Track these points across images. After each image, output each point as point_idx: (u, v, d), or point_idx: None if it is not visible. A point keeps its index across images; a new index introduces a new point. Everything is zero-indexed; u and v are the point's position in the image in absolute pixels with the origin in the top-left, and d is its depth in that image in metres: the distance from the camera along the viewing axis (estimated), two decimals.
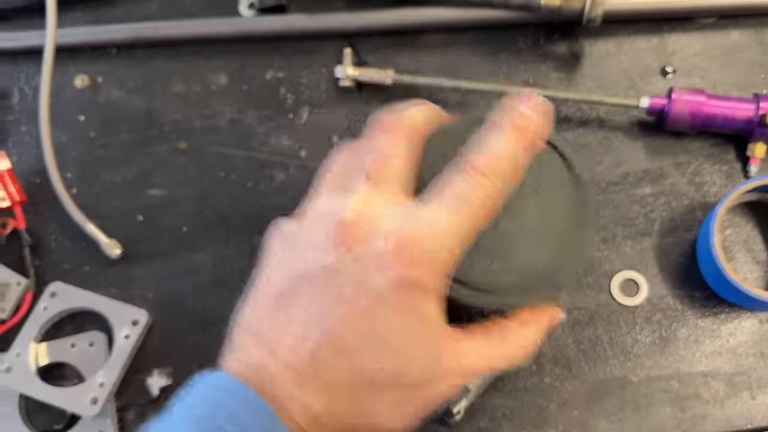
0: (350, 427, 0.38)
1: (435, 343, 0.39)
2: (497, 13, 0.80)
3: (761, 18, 0.80)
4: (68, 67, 0.85)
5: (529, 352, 0.44)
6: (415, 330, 0.38)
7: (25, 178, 0.81)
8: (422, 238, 0.37)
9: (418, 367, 0.38)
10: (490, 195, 0.39)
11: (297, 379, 0.37)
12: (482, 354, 0.42)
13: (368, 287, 0.37)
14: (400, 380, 0.38)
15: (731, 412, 0.68)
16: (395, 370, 0.38)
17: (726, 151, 0.76)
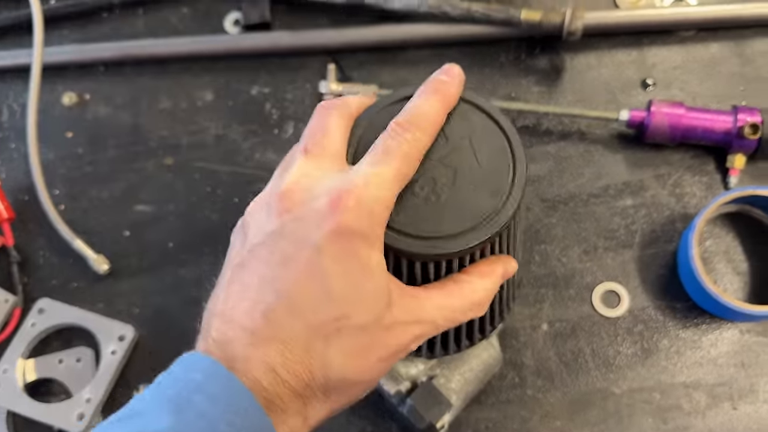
0: (309, 379, 0.39)
1: (380, 289, 0.40)
2: (479, 29, 0.81)
3: (740, 30, 0.81)
4: (56, 85, 0.86)
5: (486, 303, 0.46)
6: (358, 276, 0.39)
7: (14, 195, 0.81)
8: (355, 190, 0.39)
9: (365, 313, 0.39)
10: (413, 146, 0.42)
11: (253, 340, 0.38)
12: (439, 306, 0.43)
13: (309, 242, 0.39)
14: (350, 328, 0.39)
15: (713, 422, 0.69)
16: (342, 317, 0.39)
17: (706, 163, 0.77)
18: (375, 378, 0.43)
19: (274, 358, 0.38)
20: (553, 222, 0.76)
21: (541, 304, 0.73)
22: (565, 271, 0.74)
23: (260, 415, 0.37)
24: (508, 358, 0.71)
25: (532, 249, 0.75)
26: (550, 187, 0.77)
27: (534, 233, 0.76)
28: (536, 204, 0.77)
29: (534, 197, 0.77)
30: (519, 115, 0.80)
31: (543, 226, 0.76)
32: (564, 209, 0.76)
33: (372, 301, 0.40)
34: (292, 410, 0.39)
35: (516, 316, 0.73)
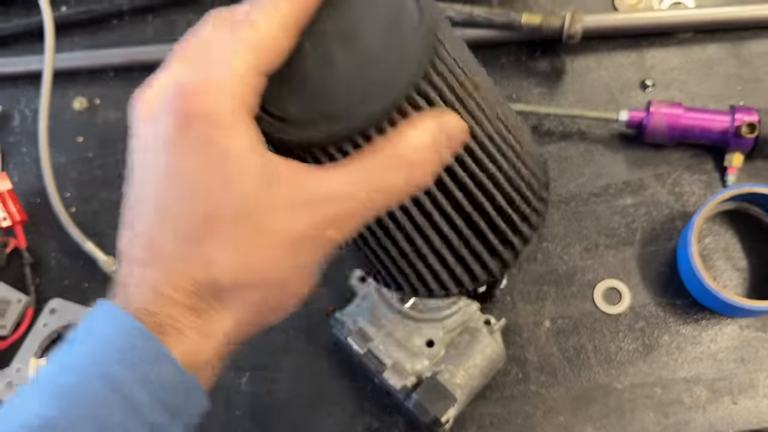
0: (195, 288, 0.36)
1: (249, 171, 0.34)
2: (481, 33, 0.82)
3: (737, 32, 0.82)
4: (67, 90, 0.88)
5: (421, 162, 0.36)
6: (218, 163, 0.34)
7: (26, 198, 0.83)
8: (206, 71, 0.35)
9: (236, 202, 0.35)
10: (271, 14, 0.36)
11: (139, 270, 0.36)
12: (355, 177, 0.35)
13: (161, 142, 0.35)
14: (221, 221, 0.35)
15: (713, 416, 0.70)
16: (210, 212, 0.35)
17: (704, 162, 0.78)
18: (282, 275, 0.37)
19: (157, 279, 0.35)
20: (555, 221, 0.77)
21: (543, 301, 0.75)
22: (567, 269, 0.76)
23: (149, 341, 0.34)
24: (511, 355, 0.73)
25: (534, 248, 0.76)
26: (551, 186, 0.78)
27: None
28: None
29: None
30: (520, 115, 0.81)
31: (545, 225, 0.77)
32: (565, 208, 0.78)
33: (240, 186, 0.34)
34: (188, 328, 0.35)
35: (519, 312, 0.74)
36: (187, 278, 0.35)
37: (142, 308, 0.35)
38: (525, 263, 0.76)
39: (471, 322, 0.70)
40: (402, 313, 0.69)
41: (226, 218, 0.35)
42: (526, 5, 0.86)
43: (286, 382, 0.74)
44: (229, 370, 0.75)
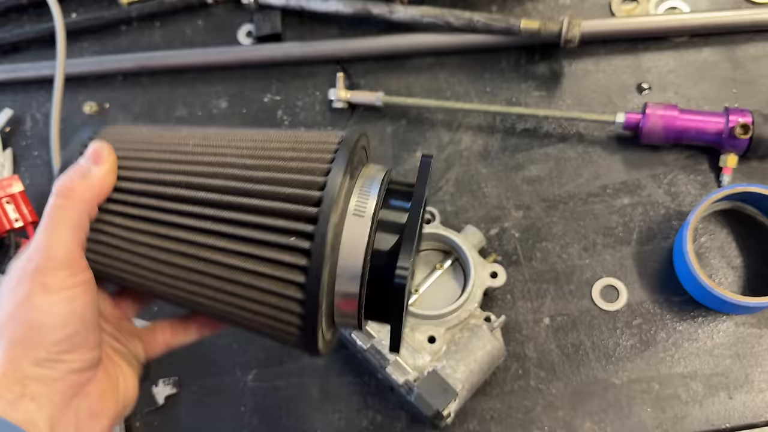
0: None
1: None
2: (481, 38, 0.84)
3: (731, 36, 0.84)
4: (77, 95, 0.90)
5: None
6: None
7: (37, 199, 0.85)
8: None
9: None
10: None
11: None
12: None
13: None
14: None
15: (710, 411, 0.71)
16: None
17: (700, 163, 0.80)
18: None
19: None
20: (554, 220, 0.79)
21: (542, 299, 0.76)
22: (566, 268, 0.77)
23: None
24: (511, 351, 0.74)
25: (533, 246, 0.78)
26: (550, 187, 0.80)
27: (535, 231, 0.79)
28: (537, 203, 0.80)
29: (535, 197, 0.80)
30: (519, 118, 0.83)
31: (544, 224, 0.79)
32: (564, 208, 0.79)
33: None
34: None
35: (519, 310, 0.76)
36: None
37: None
38: (525, 262, 0.78)
39: (472, 319, 0.72)
40: None
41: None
42: (525, 11, 0.88)
43: (291, 379, 0.76)
44: (234, 369, 0.76)
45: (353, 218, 0.45)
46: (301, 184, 0.44)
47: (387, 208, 0.46)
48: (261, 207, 0.44)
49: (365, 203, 0.45)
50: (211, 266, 0.45)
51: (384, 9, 0.85)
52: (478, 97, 0.85)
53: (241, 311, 0.46)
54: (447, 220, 0.80)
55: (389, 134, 0.85)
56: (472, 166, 0.82)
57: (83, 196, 0.45)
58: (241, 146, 0.47)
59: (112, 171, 0.47)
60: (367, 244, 0.44)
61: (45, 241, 0.44)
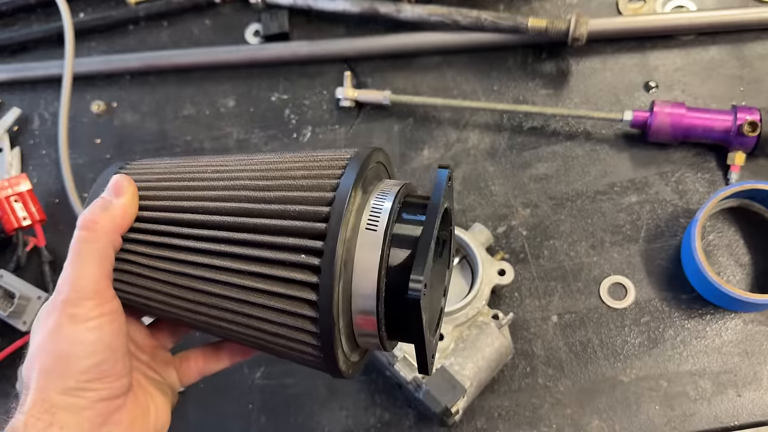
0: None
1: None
2: (488, 36, 0.85)
3: (738, 34, 0.84)
4: (85, 94, 0.90)
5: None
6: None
7: (45, 198, 0.85)
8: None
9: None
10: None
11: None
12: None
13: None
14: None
15: (718, 409, 0.71)
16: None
17: (707, 160, 0.80)
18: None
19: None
20: (562, 218, 0.79)
21: (550, 297, 0.76)
22: (574, 265, 0.77)
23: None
24: (519, 349, 0.74)
25: (541, 244, 0.78)
26: (558, 185, 0.80)
27: (543, 229, 0.79)
28: (545, 201, 0.80)
29: (542, 195, 0.80)
30: (526, 117, 0.83)
31: (552, 222, 0.79)
32: (571, 206, 0.79)
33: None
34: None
35: (526, 308, 0.76)
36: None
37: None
38: (533, 260, 0.78)
39: (480, 316, 0.72)
40: None
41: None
42: (532, 9, 0.88)
43: (299, 376, 0.76)
44: (242, 366, 0.77)
45: (366, 233, 0.43)
46: (310, 201, 0.44)
47: (402, 222, 0.44)
48: (272, 226, 0.44)
49: (378, 217, 0.43)
50: (227, 288, 0.45)
51: (391, 8, 0.85)
52: (486, 96, 0.85)
53: (260, 333, 0.45)
54: (455, 219, 0.79)
55: (396, 133, 0.85)
56: (479, 164, 0.82)
57: (105, 228, 0.46)
58: (255, 168, 0.47)
59: (132, 202, 0.48)
60: (380, 259, 0.42)
61: (71, 273, 0.45)
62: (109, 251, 0.46)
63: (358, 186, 0.43)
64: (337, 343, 0.43)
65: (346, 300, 0.43)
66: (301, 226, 0.43)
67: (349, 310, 0.44)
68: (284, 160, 0.47)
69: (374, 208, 0.44)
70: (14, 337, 0.78)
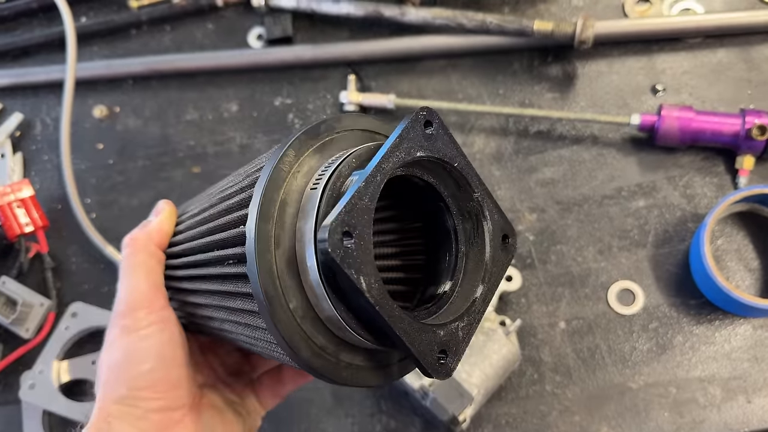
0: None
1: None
2: (493, 39, 0.84)
3: (746, 37, 0.83)
4: (87, 99, 0.90)
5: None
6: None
7: (47, 204, 0.85)
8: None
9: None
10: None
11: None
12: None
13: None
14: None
15: (728, 415, 0.70)
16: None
17: (716, 164, 0.79)
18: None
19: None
20: (569, 223, 0.78)
21: (558, 303, 0.75)
22: (581, 271, 0.76)
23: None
24: (526, 355, 0.73)
25: (548, 250, 0.78)
26: (564, 189, 0.80)
27: (550, 234, 0.78)
28: (551, 206, 0.79)
29: (549, 199, 0.79)
30: (532, 120, 0.83)
31: (558, 227, 0.78)
32: (579, 211, 0.79)
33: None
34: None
35: (534, 314, 0.75)
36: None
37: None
38: (540, 265, 0.77)
39: (487, 323, 0.71)
40: None
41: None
42: (538, 12, 0.87)
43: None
44: None
45: (309, 194, 0.37)
46: (238, 206, 0.42)
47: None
48: (211, 244, 0.45)
49: (321, 177, 0.37)
50: (216, 311, 0.47)
51: (395, 11, 0.85)
52: (491, 99, 0.84)
53: (249, 339, 0.44)
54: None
55: None
56: (485, 169, 0.81)
57: (143, 241, 0.49)
58: (214, 194, 0.49)
59: (168, 219, 0.52)
60: (315, 218, 0.35)
61: (122, 287, 0.48)
62: (152, 263, 0.49)
63: (282, 159, 0.38)
64: (287, 328, 0.37)
65: (294, 276, 0.37)
66: (234, 233, 0.41)
67: (297, 284, 0.37)
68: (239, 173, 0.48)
69: (323, 170, 0.38)
70: (17, 344, 0.77)
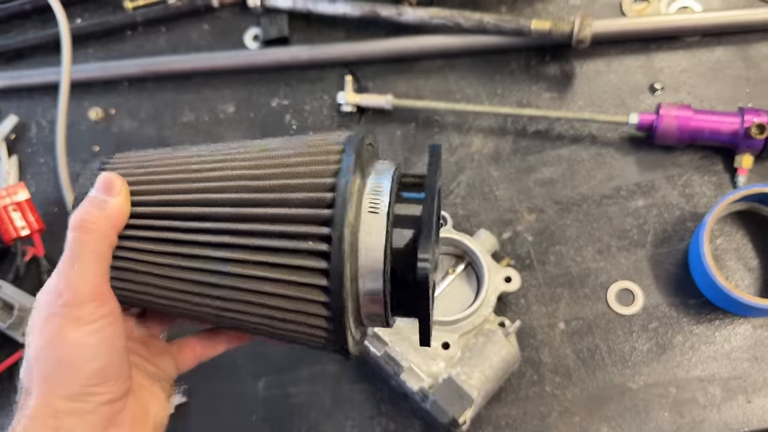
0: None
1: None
2: (491, 39, 0.84)
3: (744, 35, 0.83)
4: (82, 101, 0.89)
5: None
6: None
7: (43, 207, 0.84)
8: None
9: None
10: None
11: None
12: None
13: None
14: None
15: (728, 415, 0.70)
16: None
17: (714, 163, 0.79)
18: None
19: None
20: (567, 223, 0.78)
21: (557, 303, 0.75)
22: (580, 271, 0.76)
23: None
24: (526, 356, 0.73)
25: (547, 250, 0.77)
26: (563, 189, 0.79)
27: (549, 235, 0.78)
28: (550, 206, 0.79)
29: (548, 199, 0.79)
30: (530, 120, 0.82)
31: (558, 227, 0.78)
32: (577, 211, 0.78)
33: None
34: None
35: (533, 315, 0.75)
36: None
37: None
38: (539, 266, 0.77)
39: (486, 324, 0.71)
40: None
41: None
42: (535, 11, 0.87)
43: (303, 386, 0.75)
44: (245, 377, 0.75)
45: (369, 216, 0.44)
46: (312, 188, 0.44)
47: (401, 202, 0.46)
48: (275, 215, 0.44)
49: (379, 199, 0.45)
50: (234, 280, 0.44)
51: (392, 11, 0.84)
52: (489, 99, 0.84)
53: (270, 321, 0.46)
54: (459, 224, 0.79)
55: (399, 137, 0.84)
56: (483, 169, 0.81)
57: (103, 228, 0.45)
58: (248, 157, 0.47)
59: (126, 200, 0.47)
60: (385, 240, 0.44)
61: (71, 275, 0.44)
62: (107, 251, 0.45)
63: (356, 170, 0.44)
64: (347, 326, 0.45)
65: (354, 282, 0.44)
66: (305, 213, 0.43)
67: (356, 292, 0.45)
68: (277, 147, 0.47)
69: (374, 190, 0.45)
70: (13, 349, 0.77)
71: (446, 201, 0.80)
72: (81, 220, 0.45)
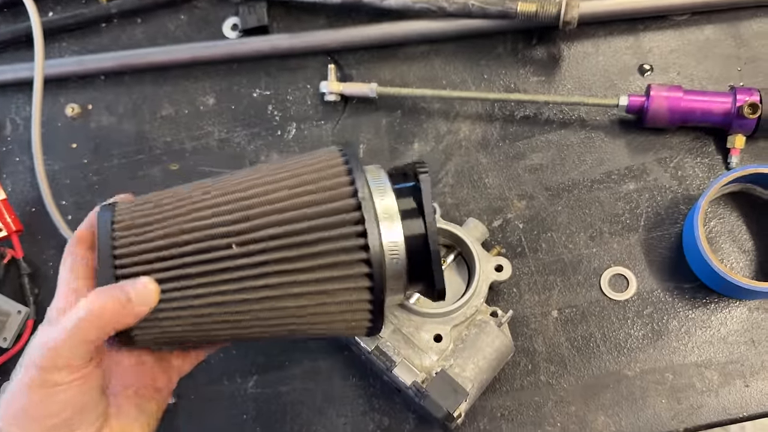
0: None
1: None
2: (476, 23, 0.82)
3: (734, 12, 0.82)
4: (58, 97, 0.87)
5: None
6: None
7: (21, 207, 0.82)
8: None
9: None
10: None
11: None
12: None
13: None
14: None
15: (726, 400, 0.69)
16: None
17: (706, 145, 0.77)
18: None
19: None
20: (558, 209, 0.77)
21: (550, 291, 0.74)
22: (572, 258, 0.75)
23: None
24: (520, 346, 0.72)
25: (538, 237, 0.76)
26: (553, 175, 0.78)
27: (540, 221, 0.76)
28: (540, 192, 0.77)
29: (538, 186, 0.78)
30: (518, 105, 0.81)
31: (548, 214, 0.77)
32: (568, 196, 0.77)
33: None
34: None
35: (526, 303, 0.74)
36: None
37: None
38: (530, 254, 0.75)
39: (478, 315, 0.69)
40: (407, 308, 0.68)
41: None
42: None
43: (293, 384, 0.73)
44: (234, 375, 0.74)
45: (382, 216, 0.51)
46: (337, 197, 0.50)
47: (402, 195, 0.53)
48: (307, 228, 0.49)
49: (388, 202, 0.52)
50: (285, 300, 0.50)
51: None
52: (476, 85, 0.82)
53: (314, 326, 0.52)
54: (448, 213, 0.77)
55: (384, 126, 0.82)
56: (471, 156, 0.79)
57: (109, 323, 0.46)
58: (260, 183, 0.51)
59: (147, 310, 0.48)
60: (403, 235, 0.52)
61: (58, 342, 0.45)
62: (109, 334, 0.47)
63: (367, 182, 0.52)
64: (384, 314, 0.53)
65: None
66: (339, 219, 0.49)
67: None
68: (279, 171, 0.52)
69: (380, 193, 0.53)
70: None
71: (434, 190, 0.78)
72: (96, 306, 0.46)
